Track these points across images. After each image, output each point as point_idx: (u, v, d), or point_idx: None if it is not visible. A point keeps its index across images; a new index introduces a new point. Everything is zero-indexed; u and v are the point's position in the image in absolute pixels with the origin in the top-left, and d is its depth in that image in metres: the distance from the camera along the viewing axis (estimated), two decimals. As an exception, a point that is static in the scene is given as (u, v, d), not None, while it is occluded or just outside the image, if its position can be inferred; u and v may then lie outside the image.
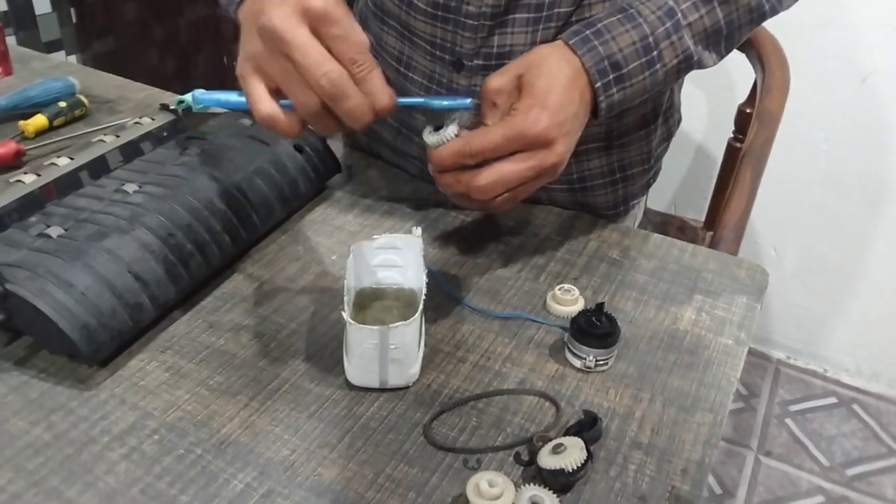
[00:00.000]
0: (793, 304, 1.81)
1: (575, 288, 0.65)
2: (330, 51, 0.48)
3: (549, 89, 0.56)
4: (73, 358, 0.57)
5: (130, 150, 0.76)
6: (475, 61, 0.71)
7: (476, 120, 0.59)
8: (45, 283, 0.54)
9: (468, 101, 0.56)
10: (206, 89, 0.86)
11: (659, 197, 1.82)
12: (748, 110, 1.19)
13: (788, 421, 1.69)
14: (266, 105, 0.50)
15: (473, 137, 0.55)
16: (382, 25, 0.77)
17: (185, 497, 0.47)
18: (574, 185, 0.79)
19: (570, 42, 0.59)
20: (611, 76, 0.59)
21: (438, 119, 0.57)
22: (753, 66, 1.20)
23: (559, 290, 0.65)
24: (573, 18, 0.68)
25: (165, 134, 0.80)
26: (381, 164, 0.87)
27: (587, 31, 0.60)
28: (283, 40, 0.47)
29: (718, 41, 0.64)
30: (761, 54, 1.18)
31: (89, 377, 0.56)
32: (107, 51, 1.66)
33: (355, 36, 0.48)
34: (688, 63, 0.63)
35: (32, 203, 0.66)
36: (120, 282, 0.57)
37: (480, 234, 0.74)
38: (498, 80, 0.57)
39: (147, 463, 0.49)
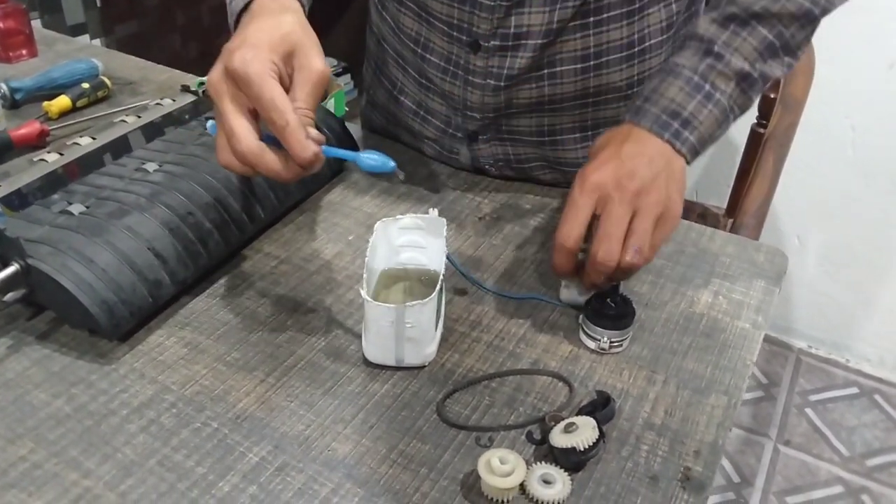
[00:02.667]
0: (815, 293, 1.79)
1: (591, 270, 0.65)
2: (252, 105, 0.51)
3: (598, 149, 0.61)
4: (93, 333, 0.58)
5: (151, 131, 0.77)
6: (492, 42, 0.71)
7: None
8: (66, 259, 0.55)
9: (392, 164, 0.56)
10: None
11: (680, 184, 1.80)
12: (772, 95, 1.18)
13: (808, 410, 1.68)
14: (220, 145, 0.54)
15: (559, 227, 0.59)
16: (400, 7, 0.77)
17: (201, 469, 0.48)
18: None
19: (626, 119, 0.62)
20: (675, 125, 0.61)
21: None
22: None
23: (575, 272, 0.65)
24: None
25: (187, 115, 0.80)
26: (399, 146, 0.87)
27: (637, 103, 0.63)
28: (216, 102, 0.52)
29: (776, 53, 0.64)
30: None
31: (109, 352, 0.57)
32: (130, 34, 1.68)
33: (267, 93, 0.50)
34: (749, 81, 0.63)
35: (55, 182, 0.68)
36: (140, 259, 0.58)
37: (497, 216, 0.74)
38: (582, 177, 0.60)
39: (165, 435, 0.50)
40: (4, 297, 0.56)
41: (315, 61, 0.53)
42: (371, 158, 0.55)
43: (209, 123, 0.59)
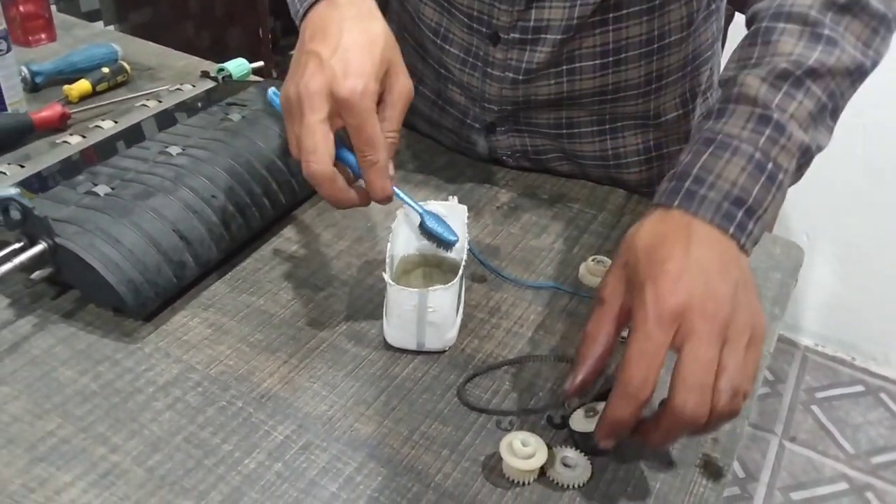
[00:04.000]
0: (823, 291, 1.79)
1: (608, 259, 0.66)
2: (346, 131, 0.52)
3: (649, 251, 0.47)
4: (118, 312, 0.59)
5: (172, 116, 0.77)
6: (511, 34, 0.71)
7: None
8: (93, 239, 0.56)
9: (456, 238, 0.57)
10: (242, 62, 0.88)
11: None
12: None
13: (814, 407, 1.68)
14: (293, 149, 0.54)
15: (620, 368, 0.45)
16: (422, -4, 0.77)
17: (227, 446, 0.49)
18: (608, 162, 0.79)
19: (675, 204, 0.49)
20: (739, 215, 0.49)
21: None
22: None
23: (593, 261, 0.65)
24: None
25: (203, 103, 0.81)
26: (416, 135, 0.87)
27: (686, 184, 0.50)
28: (302, 112, 0.51)
29: (825, 118, 0.55)
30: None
31: (134, 331, 0.58)
32: (144, 22, 1.68)
33: (369, 129, 0.51)
34: (808, 156, 0.54)
35: (73, 166, 0.68)
36: (165, 240, 0.59)
37: (514, 206, 0.75)
38: (602, 282, 0.50)
39: (191, 413, 0.51)
40: (31, 276, 0.56)
41: (404, 80, 0.54)
42: (437, 223, 0.57)
43: (271, 91, 0.59)
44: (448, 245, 0.58)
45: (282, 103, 0.54)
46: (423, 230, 0.58)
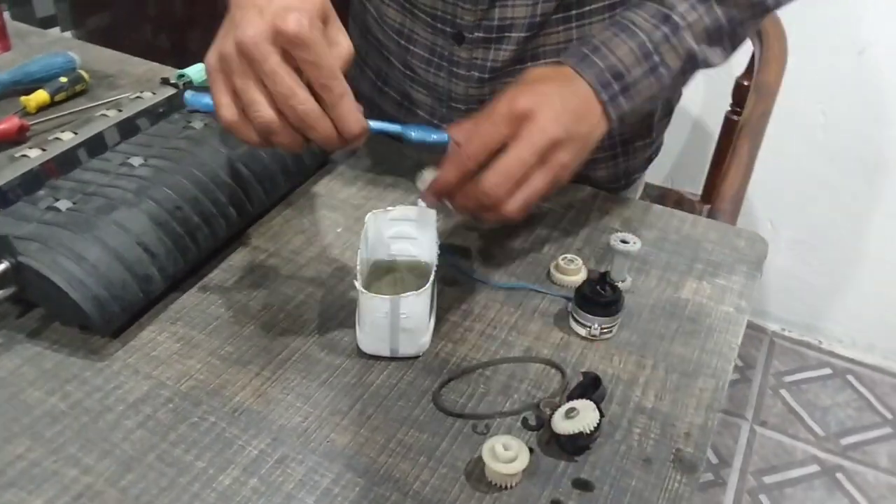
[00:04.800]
0: (788, 277, 1.82)
1: (578, 258, 0.66)
2: (304, 74, 0.47)
3: (528, 82, 0.56)
4: (85, 329, 0.58)
5: (133, 125, 0.76)
6: (476, 34, 0.71)
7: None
8: (56, 256, 0.55)
9: (446, 136, 0.55)
10: (203, 67, 0.87)
11: (656, 171, 1.82)
12: (745, 83, 1.20)
13: (783, 392, 1.72)
14: (227, 113, 0.49)
15: (466, 141, 0.54)
16: (384, -2, 0.77)
17: (200, 463, 0.48)
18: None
19: (571, 63, 0.59)
20: (616, 87, 0.59)
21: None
22: (751, 39, 1.20)
23: (562, 260, 0.66)
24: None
25: (164, 109, 0.79)
26: (382, 136, 0.87)
27: (584, 50, 0.60)
28: (255, 61, 0.47)
29: (721, 38, 0.64)
30: (760, 27, 1.18)
31: (102, 348, 0.57)
32: (101, 27, 1.65)
33: (326, 60, 0.47)
34: (693, 63, 0.63)
35: (33, 179, 0.67)
36: (130, 254, 0.58)
37: (484, 206, 0.75)
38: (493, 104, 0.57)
39: (162, 430, 0.50)
40: (-6, 296, 0.55)
41: (344, 41, 0.50)
42: (419, 130, 0.55)
43: (188, 95, 0.55)
44: (444, 146, 0.55)
45: (211, 64, 0.49)
46: (411, 143, 0.56)
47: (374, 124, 0.53)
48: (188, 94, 0.56)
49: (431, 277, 0.55)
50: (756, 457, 1.57)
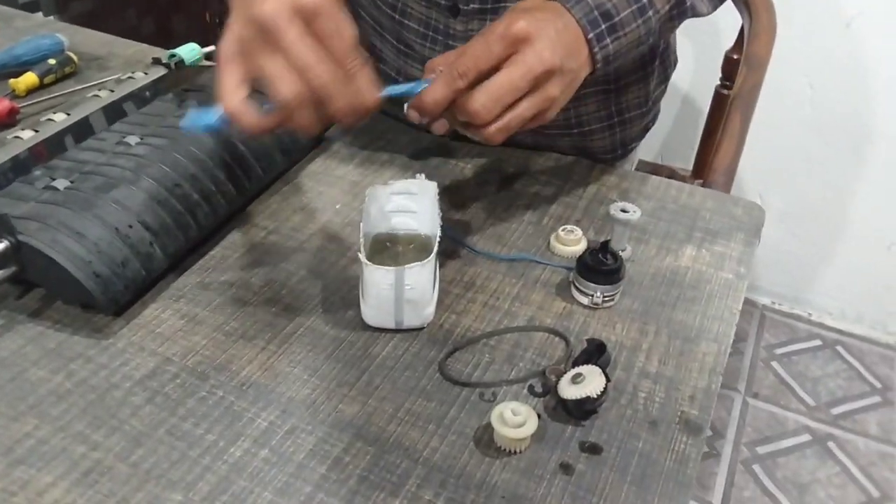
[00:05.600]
0: (777, 250, 1.83)
1: (577, 228, 0.66)
2: (325, 47, 0.47)
3: (524, 8, 0.55)
4: (87, 308, 0.58)
5: (127, 104, 0.75)
6: (471, 5, 0.71)
7: None
8: (57, 234, 0.54)
9: (425, 83, 0.54)
10: (194, 47, 0.85)
11: (646, 147, 1.82)
12: (735, 56, 1.20)
13: (774, 364, 1.73)
14: (234, 99, 0.49)
15: (458, 53, 0.53)
16: (377, -28, 0.76)
17: (211, 436, 0.49)
18: (572, 130, 0.80)
19: None
20: (603, 26, 0.59)
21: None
22: (740, 12, 1.20)
23: (562, 231, 0.66)
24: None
25: (157, 90, 0.79)
26: (378, 114, 0.86)
27: None
28: (275, 35, 0.46)
29: None
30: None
31: (105, 326, 0.56)
32: (84, 11, 1.63)
33: (346, 31, 0.47)
34: (681, 9, 0.63)
35: (33, 158, 0.66)
36: (131, 232, 0.57)
37: (481, 181, 0.75)
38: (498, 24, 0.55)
39: (171, 405, 0.50)
40: (-6, 276, 0.55)
41: (350, 21, 0.49)
42: (400, 88, 0.54)
43: (182, 122, 0.54)
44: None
45: (224, 52, 0.49)
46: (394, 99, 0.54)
47: (385, 91, 0.52)
48: (182, 122, 0.55)
49: (435, 248, 0.55)
50: (749, 428, 1.58)
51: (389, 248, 0.62)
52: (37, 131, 0.71)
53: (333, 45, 0.47)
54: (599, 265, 0.59)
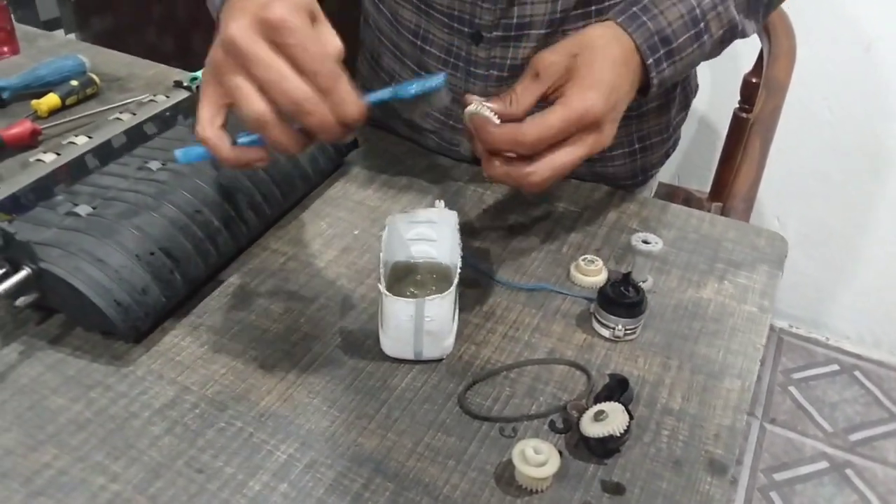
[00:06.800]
0: (795, 273, 1.82)
1: (598, 258, 0.66)
2: (292, 62, 0.45)
3: (602, 71, 0.55)
4: (107, 335, 0.57)
5: (148, 128, 0.76)
6: (494, 33, 0.71)
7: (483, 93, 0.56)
8: (78, 261, 0.54)
9: (441, 77, 0.51)
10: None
11: (663, 168, 1.82)
12: (754, 80, 1.19)
13: (792, 388, 1.71)
14: (208, 128, 0.48)
15: (529, 126, 0.53)
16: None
17: (229, 469, 0.48)
18: (594, 159, 0.79)
19: (620, 20, 0.59)
20: (661, 52, 0.59)
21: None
22: (759, 36, 1.19)
23: (583, 260, 0.66)
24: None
25: (178, 113, 0.79)
26: (396, 138, 0.86)
27: (635, 9, 0.59)
28: (242, 54, 0.45)
29: (758, 8, 0.65)
30: (767, 23, 1.18)
31: (125, 353, 0.56)
32: (105, 29, 1.65)
33: (315, 45, 0.45)
34: (732, 32, 0.64)
35: (54, 182, 0.66)
36: (151, 258, 0.57)
37: (500, 207, 0.75)
38: (550, 57, 0.56)
39: (190, 436, 0.50)
40: (16, 302, 0.55)
41: (334, 38, 0.47)
42: (412, 85, 0.51)
43: (177, 154, 0.52)
44: (442, 87, 0.52)
45: (204, 73, 0.48)
46: (408, 100, 0.51)
47: (370, 97, 0.49)
48: (177, 154, 0.52)
49: (455, 279, 0.54)
50: (766, 454, 1.56)
51: (409, 277, 0.62)
52: (58, 154, 0.71)
53: (304, 59, 0.45)
54: (621, 298, 0.59)
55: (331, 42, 0.47)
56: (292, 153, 0.48)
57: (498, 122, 0.54)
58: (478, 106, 0.55)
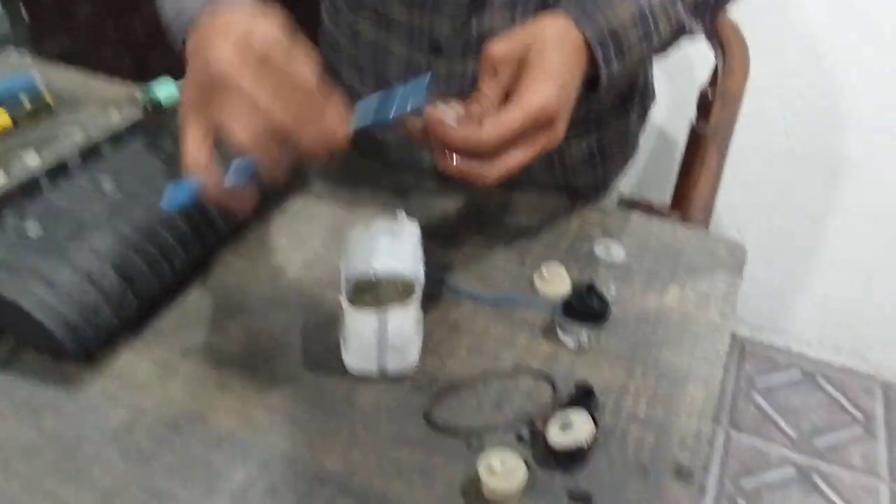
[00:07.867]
0: (755, 282, 1.84)
1: (561, 267, 0.66)
2: (280, 88, 0.46)
3: (554, 63, 0.55)
4: (58, 357, 0.55)
5: (101, 146, 0.74)
6: (454, 46, 0.71)
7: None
8: (27, 282, 0.53)
9: (426, 79, 0.53)
10: (171, 87, 0.84)
11: (623, 181, 1.84)
12: (710, 93, 1.21)
13: (755, 395, 1.73)
14: (197, 156, 0.48)
15: (488, 130, 0.52)
16: (357, 14, 0.76)
17: (186, 493, 0.47)
18: (555, 168, 0.80)
19: (573, 15, 0.58)
20: (611, 48, 0.59)
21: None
22: (713, 49, 1.21)
23: (546, 270, 0.65)
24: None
25: (132, 131, 0.77)
26: (355, 153, 0.85)
27: (586, 4, 0.59)
28: (227, 84, 0.45)
29: (705, 11, 0.65)
30: (721, 36, 1.20)
31: (76, 375, 0.54)
32: (61, 50, 1.62)
33: (300, 71, 0.46)
34: (680, 34, 0.64)
35: (4, 202, 0.64)
36: (103, 278, 0.56)
37: (463, 219, 0.74)
38: (503, 48, 0.55)
39: (144, 460, 0.48)
40: (-39, 326, 0.53)
41: (310, 59, 0.48)
42: (398, 106, 0.52)
43: (164, 202, 0.52)
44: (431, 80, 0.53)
45: (185, 100, 0.48)
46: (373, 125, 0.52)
47: (352, 125, 0.51)
48: (163, 202, 0.52)
49: (418, 290, 0.54)
50: (733, 461, 1.57)
51: (371, 291, 0.61)
52: (8, 174, 0.69)
53: (291, 83, 0.45)
54: (585, 308, 0.58)
55: (309, 63, 0.47)
56: (280, 177, 0.49)
57: (455, 124, 0.53)
58: (446, 110, 0.54)
